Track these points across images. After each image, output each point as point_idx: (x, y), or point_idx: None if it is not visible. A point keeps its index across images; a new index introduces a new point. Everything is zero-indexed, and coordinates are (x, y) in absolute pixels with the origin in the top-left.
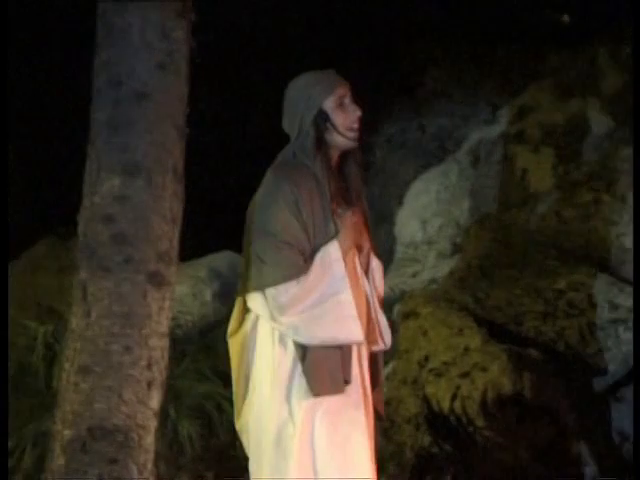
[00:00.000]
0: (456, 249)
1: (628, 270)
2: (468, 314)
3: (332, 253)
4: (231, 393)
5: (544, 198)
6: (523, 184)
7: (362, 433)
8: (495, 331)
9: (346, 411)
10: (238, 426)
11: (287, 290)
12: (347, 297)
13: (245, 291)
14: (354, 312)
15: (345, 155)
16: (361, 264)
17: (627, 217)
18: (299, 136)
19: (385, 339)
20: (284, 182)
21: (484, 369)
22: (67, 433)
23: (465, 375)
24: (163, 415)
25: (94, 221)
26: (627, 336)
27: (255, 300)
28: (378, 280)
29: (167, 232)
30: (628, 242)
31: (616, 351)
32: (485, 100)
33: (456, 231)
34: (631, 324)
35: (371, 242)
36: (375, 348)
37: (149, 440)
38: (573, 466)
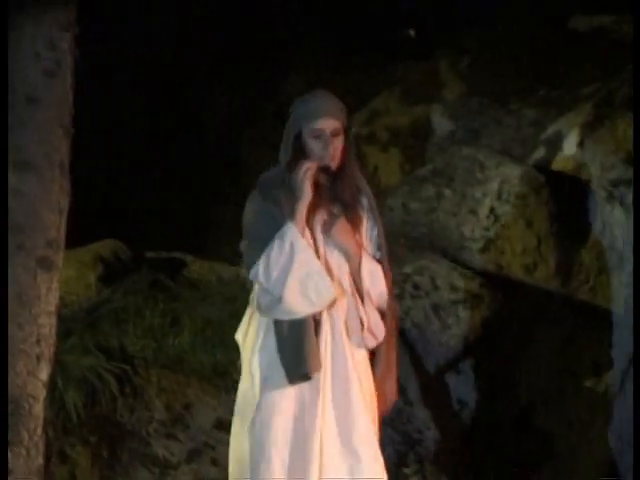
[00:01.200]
0: None
1: (466, 256)
2: None
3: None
4: (113, 366)
5: (393, 192)
6: (374, 180)
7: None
8: None
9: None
10: None
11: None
12: (307, 255)
13: None
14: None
15: (342, 169)
16: (351, 269)
17: (465, 209)
18: (285, 151)
19: (376, 333)
20: (257, 196)
21: None
22: None
23: None
24: (51, 386)
25: None
26: (465, 315)
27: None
28: (369, 282)
29: (55, 222)
30: (467, 231)
31: (456, 329)
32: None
33: None
34: (469, 304)
35: (361, 246)
36: (369, 344)
37: (38, 408)
38: (417, 432)
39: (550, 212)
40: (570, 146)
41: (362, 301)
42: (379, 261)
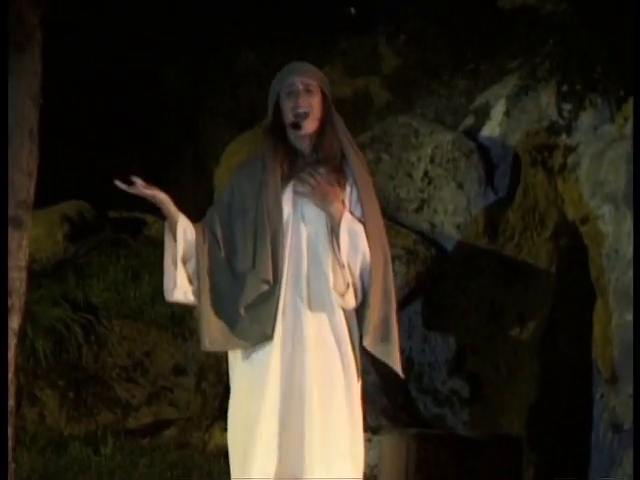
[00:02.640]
0: None
1: (402, 215)
2: None
3: None
4: (79, 316)
5: None
6: None
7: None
8: None
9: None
10: None
11: None
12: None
13: None
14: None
15: (321, 133)
16: (333, 230)
17: (402, 172)
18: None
19: (357, 294)
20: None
21: None
22: None
23: None
24: (22, 334)
25: None
26: (401, 269)
27: None
28: (348, 243)
29: (24, 184)
30: (403, 193)
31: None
32: None
33: None
34: (405, 259)
35: (343, 206)
36: (349, 304)
37: (10, 355)
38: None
39: (479, 175)
40: (497, 115)
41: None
42: (362, 221)
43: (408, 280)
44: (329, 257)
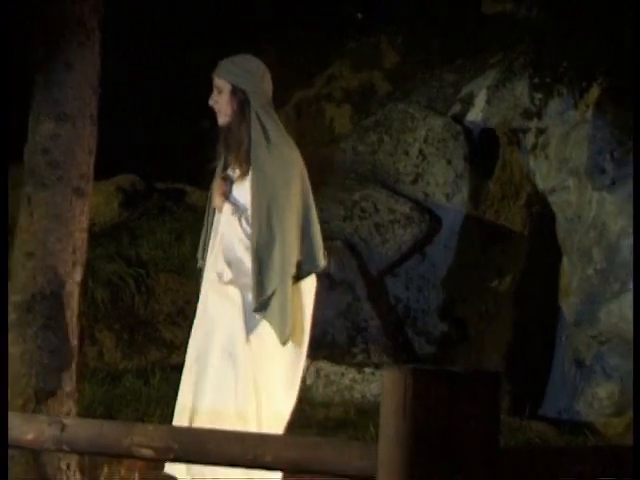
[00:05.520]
0: None
1: (401, 186)
2: None
3: None
4: (131, 270)
5: (345, 138)
6: (331, 129)
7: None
8: None
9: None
10: None
11: None
12: None
13: None
14: None
15: (230, 127)
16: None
17: (400, 150)
18: None
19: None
20: None
21: None
22: (17, 298)
23: None
24: (84, 285)
25: (36, 152)
26: (399, 232)
27: None
28: (224, 228)
29: (86, 159)
30: (401, 168)
31: (392, 242)
32: (303, 70)
33: None
34: (402, 223)
35: (222, 200)
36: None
37: (74, 302)
38: (364, 321)
39: (464, 153)
40: (480, 102)
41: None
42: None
43: (405, 240)
44: (233, 243)
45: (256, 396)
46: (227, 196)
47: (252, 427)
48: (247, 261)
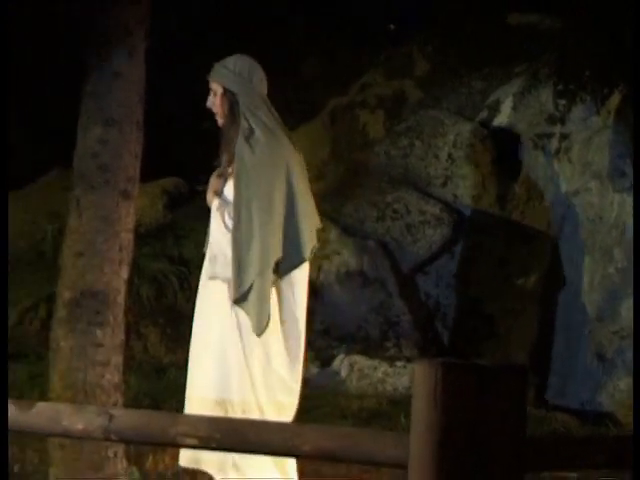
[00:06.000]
0: (320, 175)
1: (431, 189)
2: (328, 218)
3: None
4: (175, 268)
5: (378, 143)
6: (364, 134)
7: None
8: (346, 228)
9: None
10: None
11: None
12: None
13: None
14: None
15: (224, 126)
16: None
17: (430, 155)
18: None
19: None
20: None
21: (338, 253)
22: (67, 294)
23: (326, 257)
24: (130, 283)
25: (85, 157)
26: (429, 232)
27: None
28: (214, 221)
29: (132, 163)
30: (432, 171)
31: (423, 242)
32: (339, 78)
33: (320, 164)
34: (432, 224)
35: (212, 196)
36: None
37: (120, 299)
38: (395, 316)
39: (492, 157)
40: (506, 109)
41: None
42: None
43: (435, 240)
44: (219, 237)
45: (253, 387)
46: (220, 193)
47: (255, 417)
48: (230, 255)
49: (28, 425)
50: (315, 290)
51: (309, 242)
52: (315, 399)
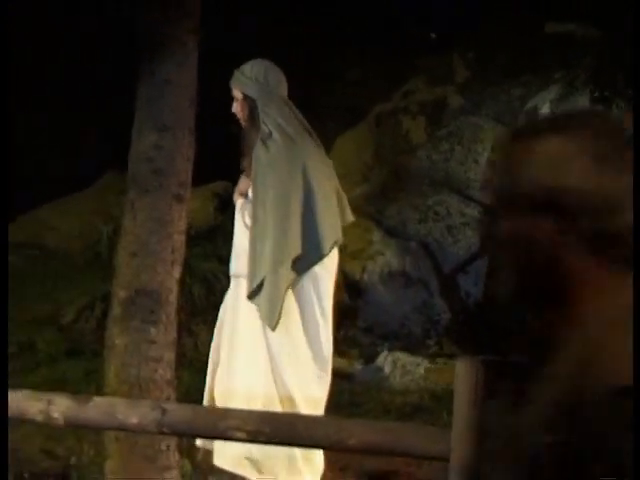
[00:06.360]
0: (365, 179)
1: (471, 192)
2: (372, 220)
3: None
4: (224, 268)
5: (420, 148)
6: (407, 139)
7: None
8: (389, 230)
9: None
10: None
11: None
12: None
13: None
14: None
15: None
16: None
17: (470, 159)
18: None
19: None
20: None
21: (382, 254)
22: (122, 293)
23: (370, 257)
24: (182, 282)
25: (139, 161)
26: (470, 233)
27: None
28: (237, 222)
29: (185, 167)
30: (471, 175)
31: (463, 242)
32: (383, 86)
33: (364, 167)
34: (472, 225)
35: (238, 196)
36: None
37: (173, 298)
38: (437, 315)
39: None
40: (544, 115)
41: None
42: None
43: (475, 241)
44: (240, 235)
45: (281, 382)
46: (245, 193)
47: (277, 409)
48: None
49: (85, 419)
50: (359, 290)
51: (329, 238)
52: (359, 395)
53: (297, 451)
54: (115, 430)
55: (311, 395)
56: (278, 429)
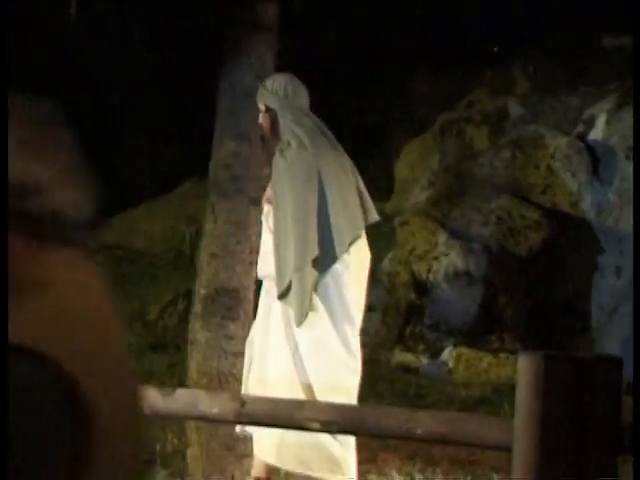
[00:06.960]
0: (430, 184)
1: (532, 196)
2: (437, 222)
3: None
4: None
5: (483, 155)
6: (470, 146)
7: None
8: (453, 232)
9: None
10: None
11: None
12: None
13: None
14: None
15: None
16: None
17: (531, 165)
18: None
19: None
20: None
21: (446, 254)
22: (203, 291)
23: (436, 258)
24: (259, 280)
25: (220, 168)
26: (530, 236)
27: None
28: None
29: (260, 173)
30: (532, 180)
31: (524, 245)
32: (448, 97)
33: (430, 173)
34: (533, 228)
35: (265, 202)
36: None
37: (250, 296)
38: (499, 311)
39: (587, 167)
40: (600, 123)
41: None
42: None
43: (536, 243)
44: (266, 239)
45: (303, 370)
46: (271, 200)
47: (300, 396)
48: None
49: (169, 410)
50: (425, 288)
51: (345, 238)
52: (425, 387)
53: (335, 450)
54: (196, 420)
55: (341, 383)
56: (350, 419)
